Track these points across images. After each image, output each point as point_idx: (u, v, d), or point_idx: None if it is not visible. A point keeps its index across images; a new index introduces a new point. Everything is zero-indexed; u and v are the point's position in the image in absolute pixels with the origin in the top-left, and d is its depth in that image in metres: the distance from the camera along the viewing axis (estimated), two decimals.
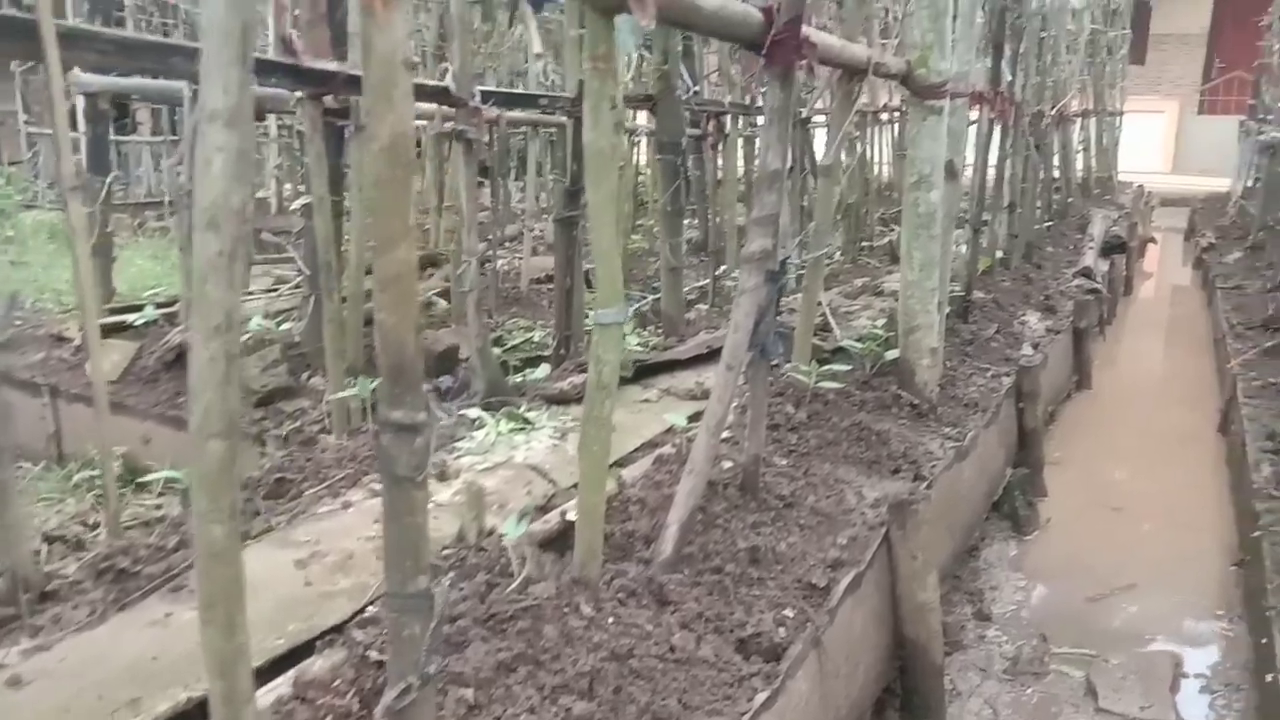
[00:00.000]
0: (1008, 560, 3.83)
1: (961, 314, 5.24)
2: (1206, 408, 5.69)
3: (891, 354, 3.87)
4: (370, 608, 2.09)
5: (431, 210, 6.26)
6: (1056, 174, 9.94)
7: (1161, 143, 19.28)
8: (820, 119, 8.07)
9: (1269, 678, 2.55)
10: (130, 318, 4.65)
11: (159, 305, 4.74)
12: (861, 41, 3.29)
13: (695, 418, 3.36)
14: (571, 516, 2.33)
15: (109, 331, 4.41)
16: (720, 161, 6.23)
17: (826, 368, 3.42)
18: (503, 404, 3.20)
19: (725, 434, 3.16)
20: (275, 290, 5.71)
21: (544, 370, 3.91)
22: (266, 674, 1.79)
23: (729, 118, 5.66)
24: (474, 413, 3.12)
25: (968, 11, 4.06)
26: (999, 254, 6.69)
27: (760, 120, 6.69)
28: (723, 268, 5.63)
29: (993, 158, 6.18)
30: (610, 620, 2.00)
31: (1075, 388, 6.10)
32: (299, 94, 3.16)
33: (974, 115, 5.14)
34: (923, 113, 3.53)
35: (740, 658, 2.11)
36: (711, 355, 4.11)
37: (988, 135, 5.27)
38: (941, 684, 2.73)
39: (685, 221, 4.99)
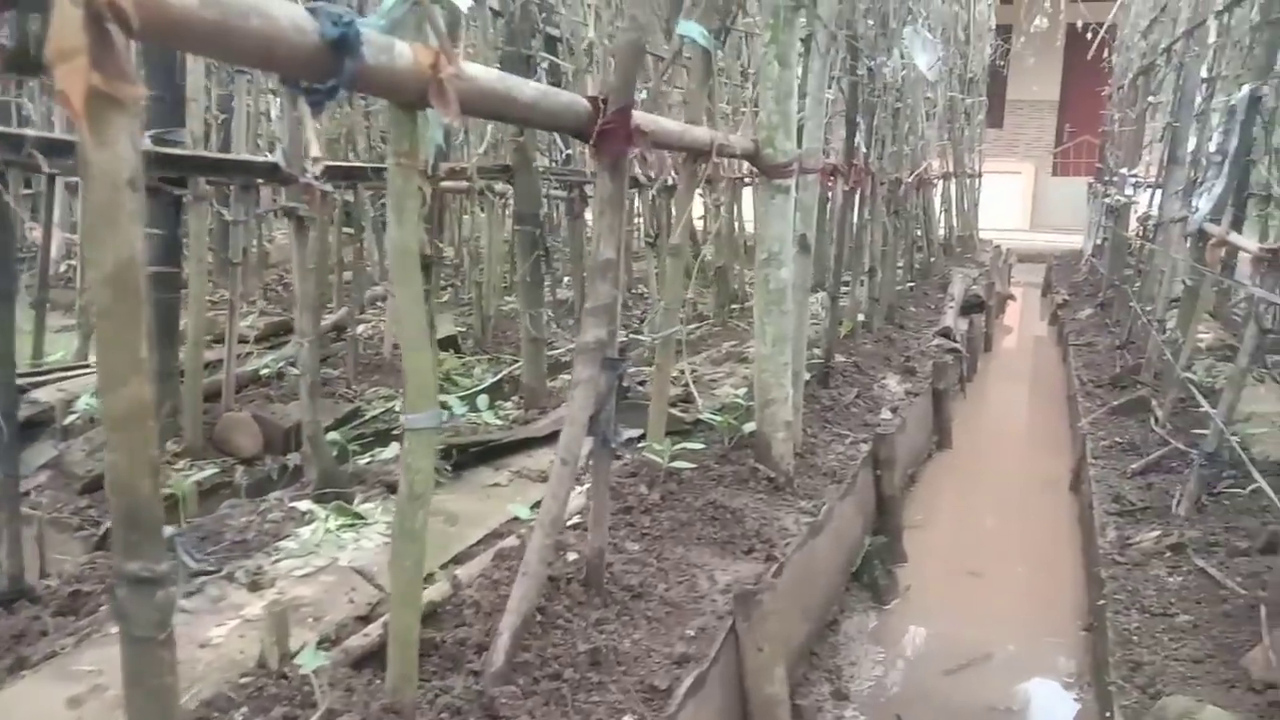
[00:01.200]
0: (867, 633, 3.83)
1: (822, 380, 5.31)
2: (1063, 464, 5.89)
3: (749, 426, 3.86)
4: None
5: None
6: (919, 234, 10.32)
7: (1020, 202, 20.34)
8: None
9: None
10: None
11: None
12: (707, 124, 3.30)
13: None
14: None
15: None
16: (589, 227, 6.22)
17: (680, 445, 3.37)
18: (337, 495, 3.03)
19: (576, 519, 3.08)
20: None
21: (393, 450, 3.75)
22: None
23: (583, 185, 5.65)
24: (305, 505, 2.95)
25: (816, 91, 4.16)
26: (861, 317, 6.83)
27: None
28: None
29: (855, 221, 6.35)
30: None
31: (936, 448, 6.24)
32: None
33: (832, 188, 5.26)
34: (770, 191, 3.56)
35: None
36: None
37: (843, 206, 5.39)
38: None
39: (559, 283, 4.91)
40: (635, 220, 8.81)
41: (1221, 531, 3.71)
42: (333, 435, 3.67)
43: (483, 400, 4.15)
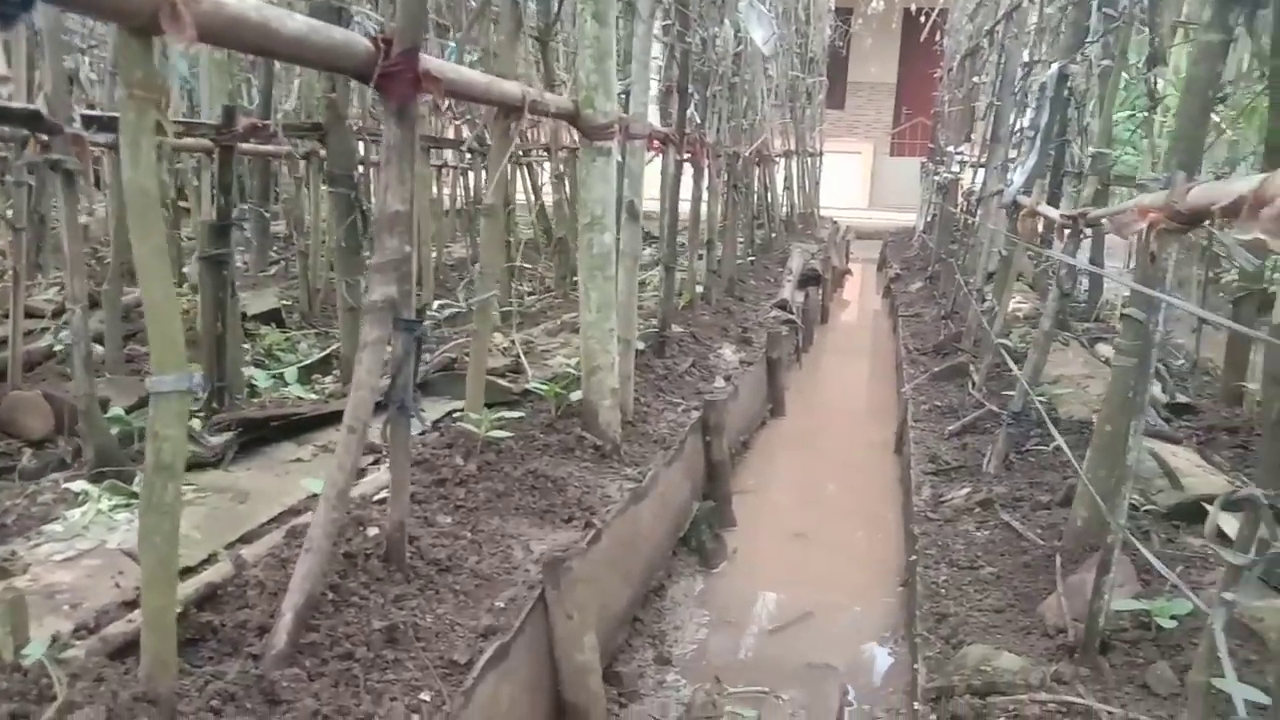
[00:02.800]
0: (694, 597, 3.83)
1: (658, 349, 5.30)
2: (890, 428, 6.09)
3: (576, 395, 3.79)
4: None
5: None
6: (760, 210, 10.49)
7: (860, 181, 21.04)
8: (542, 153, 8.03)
9: (915, 705, 2.64)
10: None
11: None
12: (527, 79, 3.18)
13: None
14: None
15: None
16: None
17: (498, 415, 3.26)
18: (117, 474, 2.78)
19: (386, 493, 2.93)
20: None
21: (194, 425, 3.48)
22: None
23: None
24: (79, 486, 2.69)
25: (641, 55, 4.09)
26: (699, 289, 6.87)
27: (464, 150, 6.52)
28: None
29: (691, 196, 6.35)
30: None
31: (770, 415, 6.35)
32: None
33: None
34: (591, 154, 3.48)
35: None
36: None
37: (676, 176, 5.37)
38: None
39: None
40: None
41: (1026, 487, 3.89)
42: (116, 413, 3.37)
43: (291, 373, 3.92)
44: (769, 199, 11.04)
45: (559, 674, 2.50)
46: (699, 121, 5.87)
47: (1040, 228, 5.26)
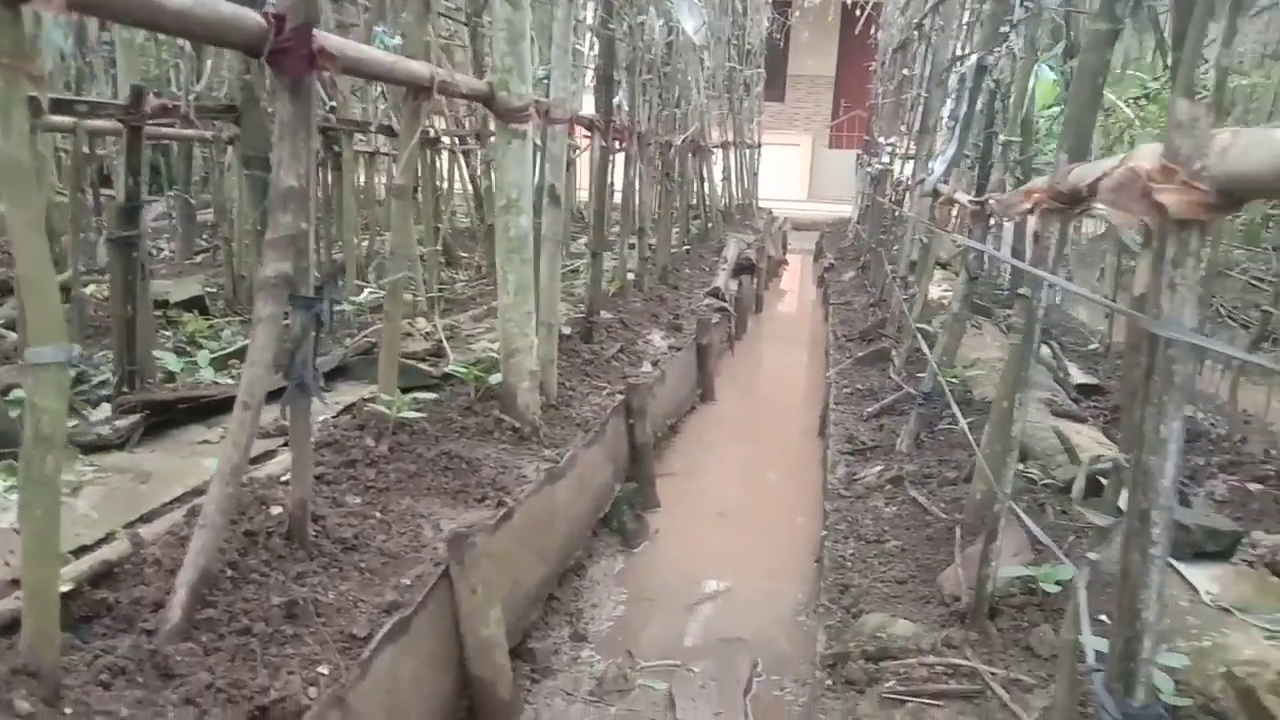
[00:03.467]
0: (613, 576, 3.88)
1: (585, 335, 5.33)
2: (816, 414, 6.21)
3: (496, 378, 3.81)
4: None
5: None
6: (696, 200, 10.56)
7: (799, 173, 21.24)
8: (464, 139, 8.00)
9: (816, 673, 2.71)
10: None
11: None
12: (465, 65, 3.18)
13: (259, 461, 3.09)
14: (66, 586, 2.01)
15: None
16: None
17: (412, 396, 3.27)
18: (14, 455, 2.74)
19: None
20: None
21: (105, 410, 3.44)
22: None
23: (342, 135, 5.37)
24: None
25: (561, 40, 4.11)
26: (631, 276, 6.91)
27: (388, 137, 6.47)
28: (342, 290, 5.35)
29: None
30: (70, 711, 1.71)
31: (700, 401, 6.42)
32: None
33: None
34: (507, 136, 3.50)
35: None
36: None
37: (603, 162, 5.41)
38: None
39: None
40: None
41: (935, 464, 4.00)
42: (19, 396, 3.31)
43: (204, 358, 3.88)
44: (705, 189, 11.11)
45: (465, 648, 2.53)
46: (628, 109, 5.91)
47: (955, 212, 5.39)
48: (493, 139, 7.34)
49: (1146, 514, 1.38)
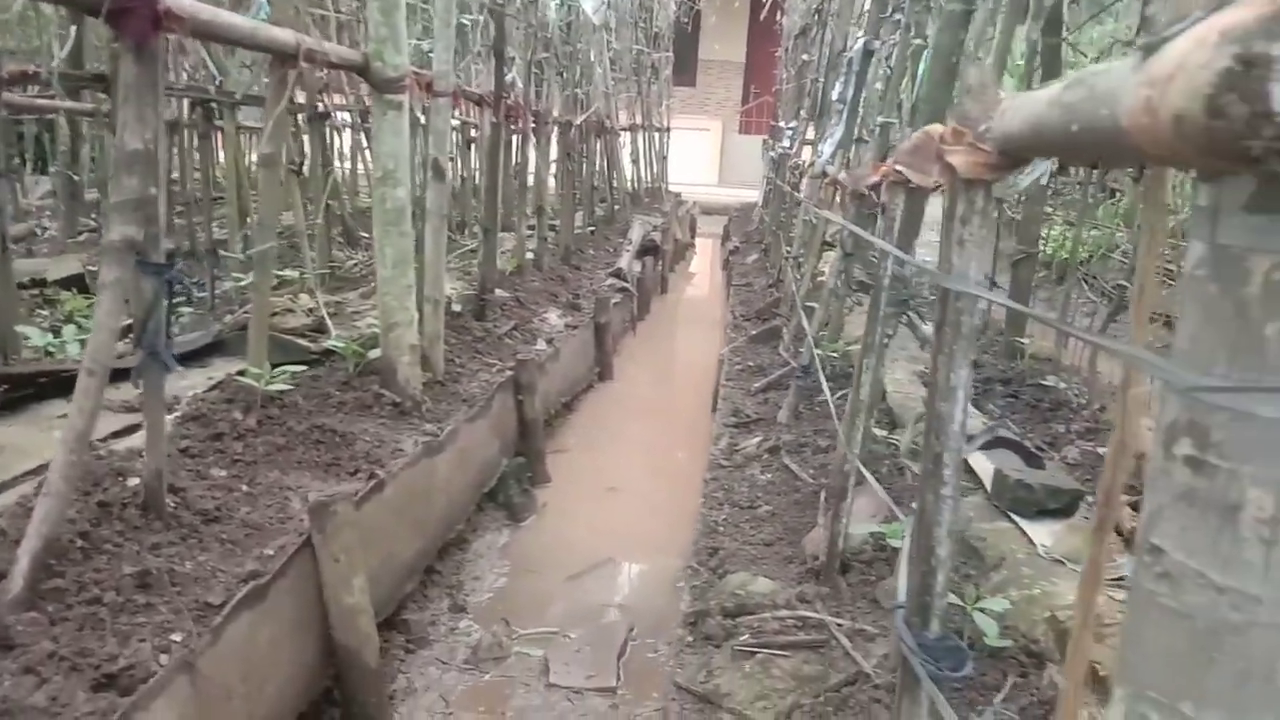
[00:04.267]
0: (498, 549, 3.92)
1: (478, 313, 5.32)
2: (710, 391, 6.32)
3: (375, 353, 3.79)
4: None
5: None
6: (601, 181, 10.58)
7: (710, 157, 21.44)
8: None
9: (678, 631, 2.79)
10: None
11: None
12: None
13: (121, 435, 3.04)
14: None
15: None
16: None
17: (283, 370, 3.24)
18: None
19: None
20: None
21: None
22: None
23: (217, 107, 5.23)
24: None
25: (444, 13, 4.09)
26: (530, 256, 6.91)
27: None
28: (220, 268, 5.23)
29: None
30: None
31: (598, 379, 6.48)
32: None
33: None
34: (383, 107, 3.48)
35: (89, 698, 1.87)
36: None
37: (493, 139, 5.39)
38: (381, 687, 2.67)
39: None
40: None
41: (811, 434, 4.13)
42: None
43: (71, 332, 3.78)
44: (611, 171, 11.14)
45: (329, 616, 2.54)
46: (520, 86, 5.90)
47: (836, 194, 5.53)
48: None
49: (939, 457, 1.47)
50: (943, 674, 1.45)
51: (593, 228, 9.67)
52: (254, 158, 7.95)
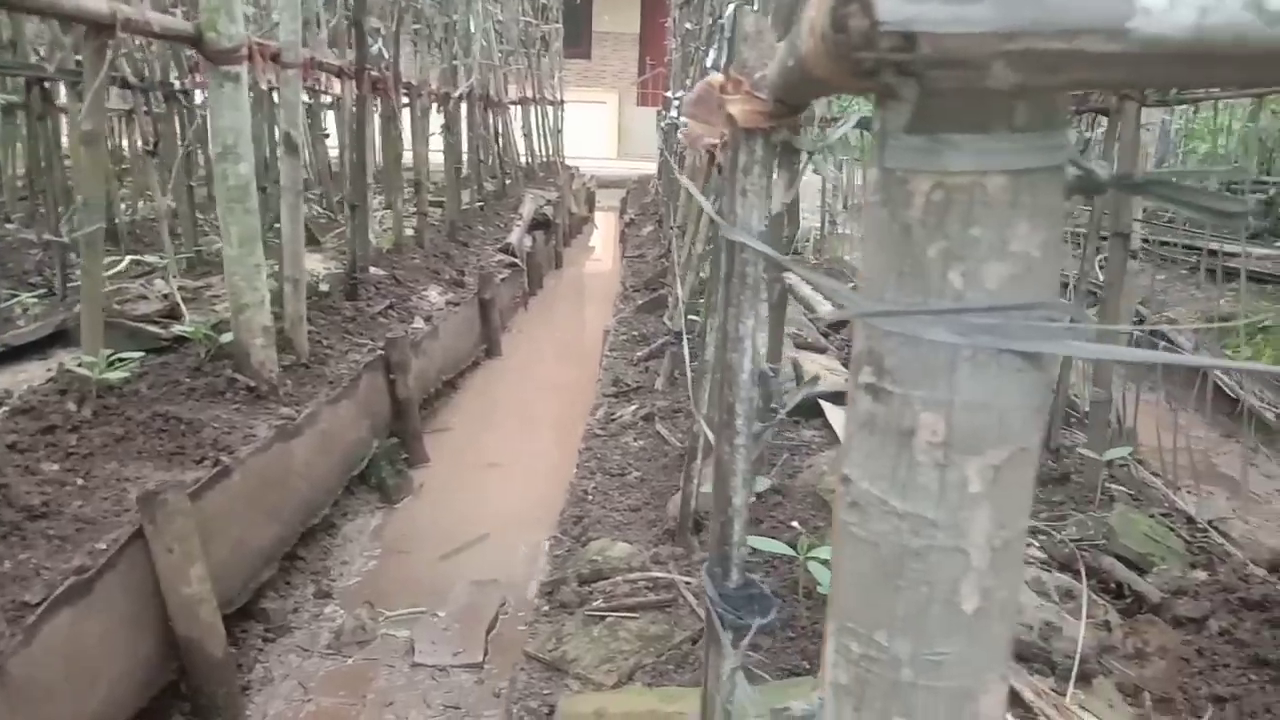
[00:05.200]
0: (369, 532, 3.84)
1: (349, 292, 5.19)
2: (598, 362, 6.30)
3: (227, 337, 3.66)
4: None
5: None
6: (490, 155, 10.41)
7: (607, 131, 21.31)
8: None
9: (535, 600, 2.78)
10: None
11: None
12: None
13: None
14: None
15: None
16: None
17: (119, 357, 3.10)
18: None
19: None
20: None
21: None
22: None
23: (64, 85, 4.96)
24: None
25: None
26: (409, 232, 6.77)
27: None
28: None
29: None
30: None
31: (485, 356, 6.40)
32: None
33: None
34: (219, 79, 3.33)
35: None
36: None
37: (358, 113, 5.24)
38: (230, 677, 2.60)
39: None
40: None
41: (685, 400, 4.14)
42: None
43: None
44: (501, 145, 10.97)
45: (168, 608, 2.45)
46: (386, 57, 5.74)
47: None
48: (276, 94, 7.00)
49: (732, 407, 1.47)
50: (741, 622, 1.46)
51: (482, 203, 9.52)
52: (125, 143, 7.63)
